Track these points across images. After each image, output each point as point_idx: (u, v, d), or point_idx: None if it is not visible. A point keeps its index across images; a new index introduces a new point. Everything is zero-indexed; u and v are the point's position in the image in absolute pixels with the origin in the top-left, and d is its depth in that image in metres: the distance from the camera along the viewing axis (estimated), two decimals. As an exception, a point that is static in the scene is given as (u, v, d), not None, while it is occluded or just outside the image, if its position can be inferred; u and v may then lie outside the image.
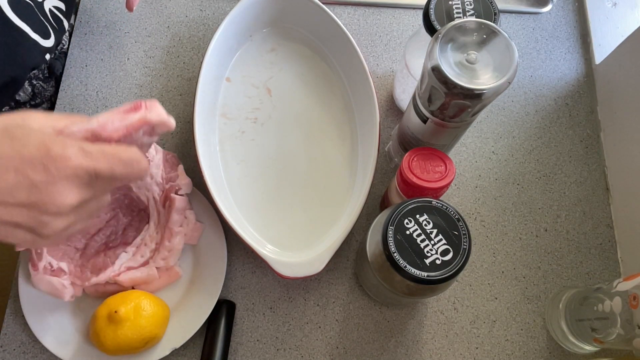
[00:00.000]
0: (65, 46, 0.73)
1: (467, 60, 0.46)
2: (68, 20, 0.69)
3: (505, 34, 0.47)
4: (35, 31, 0.61)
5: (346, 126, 0.68)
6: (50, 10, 0.64)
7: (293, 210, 0.64)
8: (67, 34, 0.72)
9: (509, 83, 0.46)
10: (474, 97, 0.46)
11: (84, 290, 0.59)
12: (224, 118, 0.67)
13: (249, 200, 0.64)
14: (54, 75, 0.70)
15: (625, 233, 0.66)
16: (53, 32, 0.64)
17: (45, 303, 0.58)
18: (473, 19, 0.48)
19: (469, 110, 0.48)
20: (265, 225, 0.63)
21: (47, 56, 0.64)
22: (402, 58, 0.62)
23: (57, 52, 0.69)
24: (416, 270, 0.46)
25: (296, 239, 0.62)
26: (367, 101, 0.64)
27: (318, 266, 0.56)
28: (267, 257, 0.56)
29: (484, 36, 0.47)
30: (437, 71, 0.46)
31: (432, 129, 0.53)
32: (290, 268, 0.56)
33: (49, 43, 0.63)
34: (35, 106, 0.69)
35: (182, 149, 0.68)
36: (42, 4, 0.62)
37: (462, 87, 0.45)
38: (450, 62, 0.46)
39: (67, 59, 0.71)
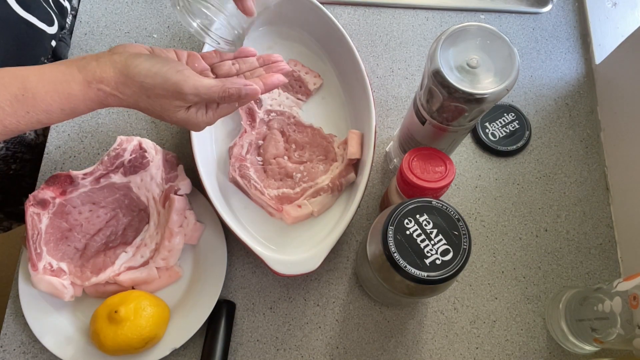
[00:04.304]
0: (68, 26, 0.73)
1: (468, 64, 0.46)
2: (70, 2, 0.70)
3: (507, 38, 0.47)
4: (41, 20, 0.61)
5: (342, 124, 0.68)
6: None
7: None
8: (70, 16, 0.72)
9: (507, 90, 0.45)
10: (473, 101, 0.46)
11: (84, 290, 0.59)
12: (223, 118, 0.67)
13: (247, 199, 0.63)
14: (60, 59, 0.71)
15: (625, 233, 0.66)
16: (55, 17, 0.65)
17: (45, 303, 0.58)
18: (475, 23, 0.48)
19: (466, 114, 0.48)
20: (262, 223, 0.63)
21: (53, 42, 0.65)
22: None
23: (60, 34, 0.69)
24: (416, 270, 0.46)
25: (293, 237, 0.62)
26: (363, 100, 0.64)
27: (314, 264, 0.56)
28: (263, 254, 0.56)
29: (487, 41, 0.47)
30: (437, 75, 0.46)
31: (430, 132, 0.53)
32: (286, 266, 0.56)
33: (53, 30, 0.64)
34: None
35: (182, 149, 0.68)
36: None
37: (463, 92, 0.45)
38: (451, 65, 0.46)
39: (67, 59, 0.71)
